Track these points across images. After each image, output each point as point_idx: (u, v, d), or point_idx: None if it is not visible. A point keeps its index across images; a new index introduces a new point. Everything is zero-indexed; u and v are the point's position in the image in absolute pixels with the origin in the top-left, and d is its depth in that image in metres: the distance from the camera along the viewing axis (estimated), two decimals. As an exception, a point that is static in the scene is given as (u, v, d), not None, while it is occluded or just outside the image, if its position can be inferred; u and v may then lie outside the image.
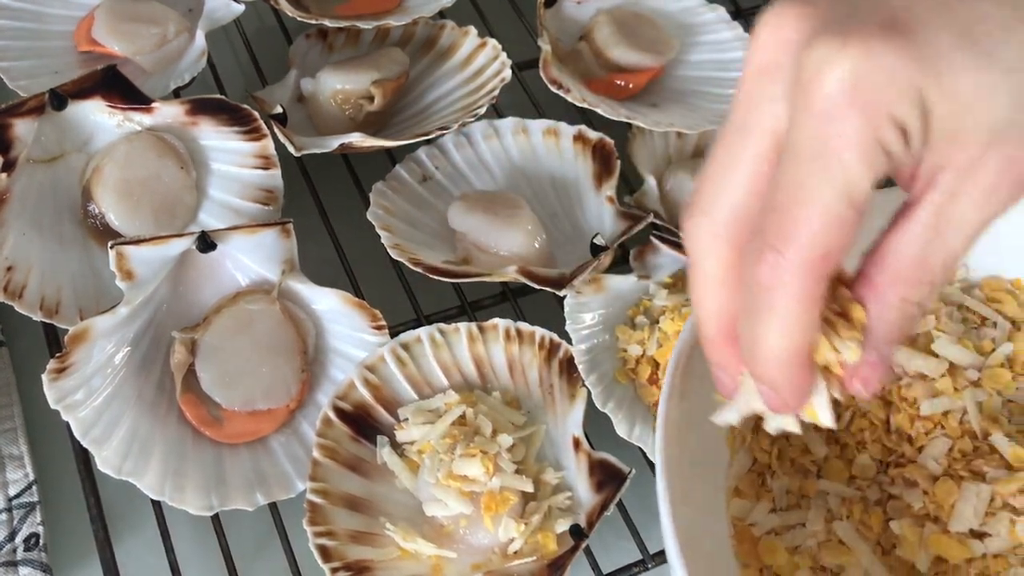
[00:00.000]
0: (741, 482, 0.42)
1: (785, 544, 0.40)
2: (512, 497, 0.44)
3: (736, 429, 0.42)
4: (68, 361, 0.44)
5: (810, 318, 0.28)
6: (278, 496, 0.46)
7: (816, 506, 0.41)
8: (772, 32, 0.29)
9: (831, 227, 0.27)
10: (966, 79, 0.26)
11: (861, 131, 0.26)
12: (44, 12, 0.60)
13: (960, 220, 0.28)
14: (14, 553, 0.46)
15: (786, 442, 0.43)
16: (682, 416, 0.39)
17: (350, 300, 0.49)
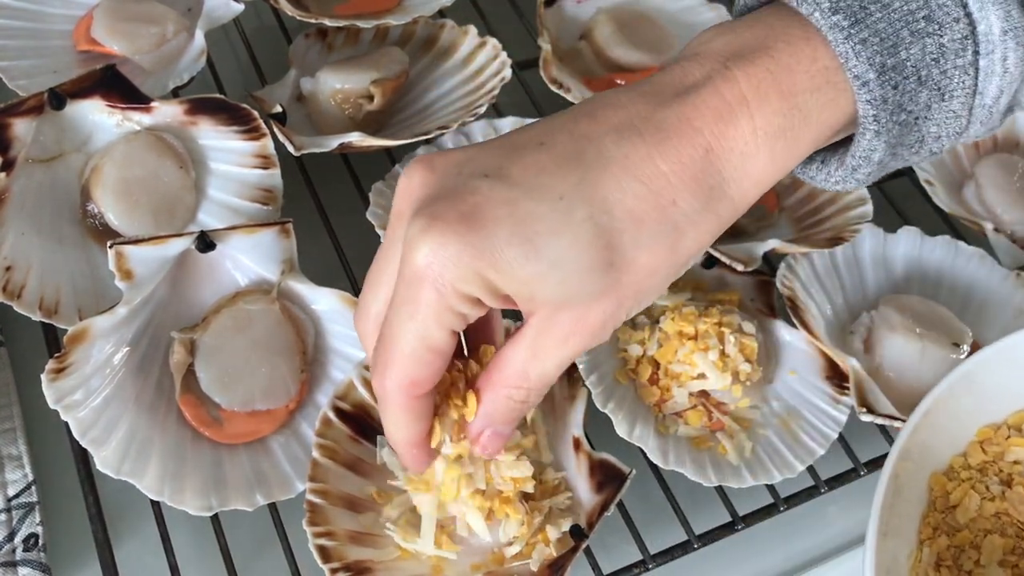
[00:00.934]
0: None
1: None
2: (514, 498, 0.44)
3: (919, 567, 0.43)
4: (67, 361, 0.44)
5: (411, 420, 0.38)
6: (277, 497, 0.46)
7: None
8: (405, 183, 0.36)
9: (414, 363, 0.35)
10: (519, 268, 0.33)
11: (433, 299, 0.34)
12: (43, 11, 0.59)
13: (547, 353, 0.36)
14: (13, 553, 0.46)
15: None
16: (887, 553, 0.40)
17: (349, 300, 0.49)
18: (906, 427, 0.42)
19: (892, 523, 0.41)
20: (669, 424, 0.50)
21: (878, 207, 0.59)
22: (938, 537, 0.44)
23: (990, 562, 0.42)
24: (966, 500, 0.44)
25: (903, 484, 0.43)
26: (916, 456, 0.44)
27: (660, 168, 0.34)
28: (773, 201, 0.60)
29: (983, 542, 0.43)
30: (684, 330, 0.50)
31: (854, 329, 0.56)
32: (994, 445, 0.46)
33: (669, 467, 0.48)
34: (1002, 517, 0.44)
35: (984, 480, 0.45)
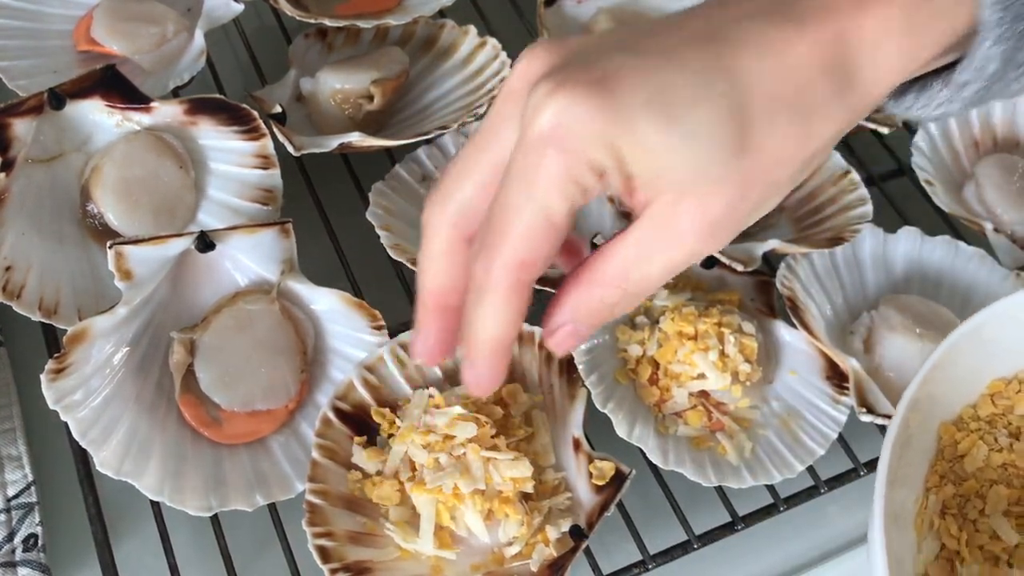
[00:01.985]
0: (931, 568, 0.42)
1: None
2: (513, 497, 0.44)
3: (924, 514, 0.43)
4: (67, 361, 0.44)
5: (511, 313, 0.34)
6: (277, 497, 0.46)
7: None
8: (524, 64, 0.34)
9: (530, 240, 0.32)
10: (653, 136, 0.31)
11: (558, 168, 0.31)
12: (43, 11, 0.59)
13: (657, 254, 0.33)
14: (13, 554, 0.46)
15: (974, 528, 0.43)
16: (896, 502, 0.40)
17: (349, 300, 0.49)
18: (916, 377, 0.42)
19: (900, 472, 0.41)
20: (669, 424, 0.50)
21: (878, 207, 0.59)
22: (944, 485, 0.44)
23: (995, 511, 0.43)
24: (974, 450, 0.44)
25: (912, 433, 0.43)
26: (926, 406, 0.44)
27: (798, 50, 0.33)
28: (773, 201, 0.60)
29: (989, 492, 0.43)
30: (684, 330, 0.50)
31: (854, 329, 0.56)
32: (1004, 398, 0.46)
33: (669, 467, 0.48)
34: (1008, 468, 0.44)
35: (993, 432, 0.45)
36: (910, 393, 0.41)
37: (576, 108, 0.31)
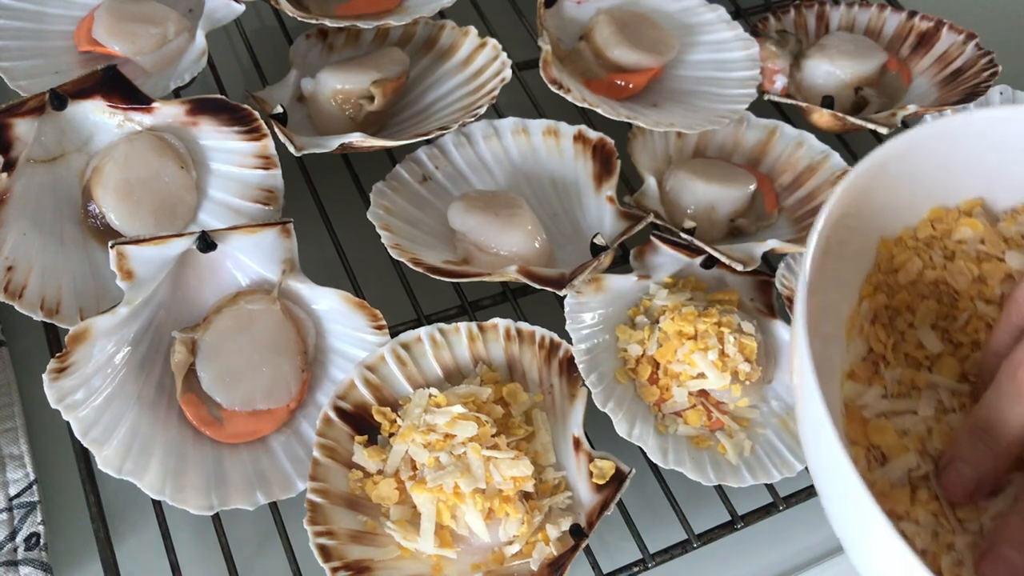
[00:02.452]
0: (856, 367, 0.44)
1: (895, 427, 0.42)
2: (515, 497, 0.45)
3: (856, 319, 0.45)
4: (68, 361, 0.44)
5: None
6: (278, 496, 0.46)
7: (927, 397, 0.43)
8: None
9: None
10: None
11: None
12: (44, 12, 0.60)
13: None
14: (15, 552, 0.46)
15: (901, 337, 0.45)
16: (816, 307, 0.41)
17: (350, 300, 0.49)
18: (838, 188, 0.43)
19: (829, 279, 0.42)
20: (668, 423, 0.50)
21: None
22: (877, 295, 0.46)
23: (922, 324, 0.45)
24: (908, 264, 0.46)
25: (849, 246, 0.45)
26: (868, 219, 0.46)
27: None
28: (772, 201, 0.61)
29: (919, 305, 0.45)
30: (684, 330, 0.50)
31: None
32: (943, 224, 0.48)
33: (668, 466, 0.48)
34: (940, 286, 0.46)
35: (929, 251, 0.47)
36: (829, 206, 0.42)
37: None
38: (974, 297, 0.46)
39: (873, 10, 0.72)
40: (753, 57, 0.65)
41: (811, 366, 0.37)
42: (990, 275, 0.46)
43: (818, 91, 0.66)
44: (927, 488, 0.40)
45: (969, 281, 0.46)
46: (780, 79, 0.65)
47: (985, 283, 0.46)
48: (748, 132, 0.63)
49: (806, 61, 0.67)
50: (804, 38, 0.70)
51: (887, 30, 0.71)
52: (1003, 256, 0.46)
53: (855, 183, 0.43)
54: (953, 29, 0.69)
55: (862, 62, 0.66)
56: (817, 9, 0.72)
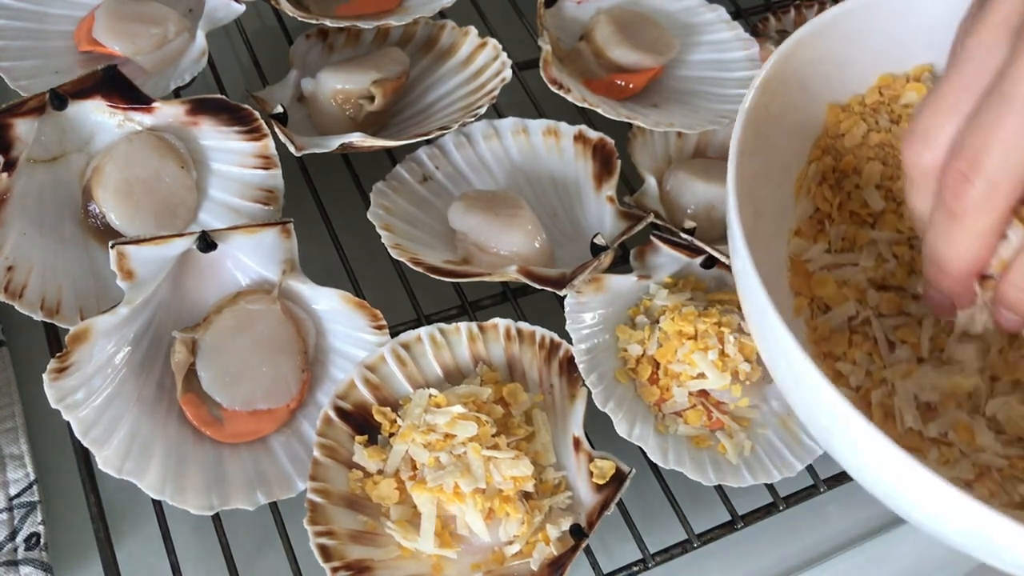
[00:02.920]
0: (803, 225, 0.46)
1: (835, 278, 0.43)
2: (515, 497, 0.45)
3: (803, 180, 0.47)
4: (68, 361, 0.44)
5: (991, 236, 0.35)
6: (279, 496, 0.46)
7: (868, 250, 0.45)
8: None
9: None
10: None
11: None
12: (45, 12, 0.60)
13: None
14: (15, 552, 0.46)
15: (847, 196, 0.47)
16: (751, 170, 0.43)
17: (350, 300, 0.49)
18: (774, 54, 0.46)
19: (758, 142, 0.44)
20: (669, 423, 0.50)
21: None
22: (825, 157, 0.48)
23: (867, 184, 0.47)
24: (855, 128, 0.48)
25: (792, 109, 0.47)
26: (814, 86, 0.48)
27: None
28: (773, 201, 0.61)
29: (865, 167, 0.47)
30: (684, 330, 0.50)
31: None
32: (891, 90, 0.50)
33: (669, 466, 0.48)
34: (885, 148, 0.48)
35: (876, 116, 0.49)
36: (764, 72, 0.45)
37: None
38: None
39: (873, 10, 0.71)
40: (753, 57, 0.65)
41: (739, 224, 0.38)
42: None
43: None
44: (865, 333, 0.42)
45: None
46: (780, 79, 0.65)
47: None
48: (748, 132, 0.63)
49: (806, 61, 0.67)
50: (804, 38, 0.70)
51: (887, 30, 0.71)
52: None
53: (792, 50, 0.46)
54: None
55: (862, 62, 0.66)
56: (817, 9, 0.72)
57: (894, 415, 0.40)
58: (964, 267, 0.37)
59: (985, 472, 0.38)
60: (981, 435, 0.39)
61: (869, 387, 0.41)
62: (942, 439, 0.39)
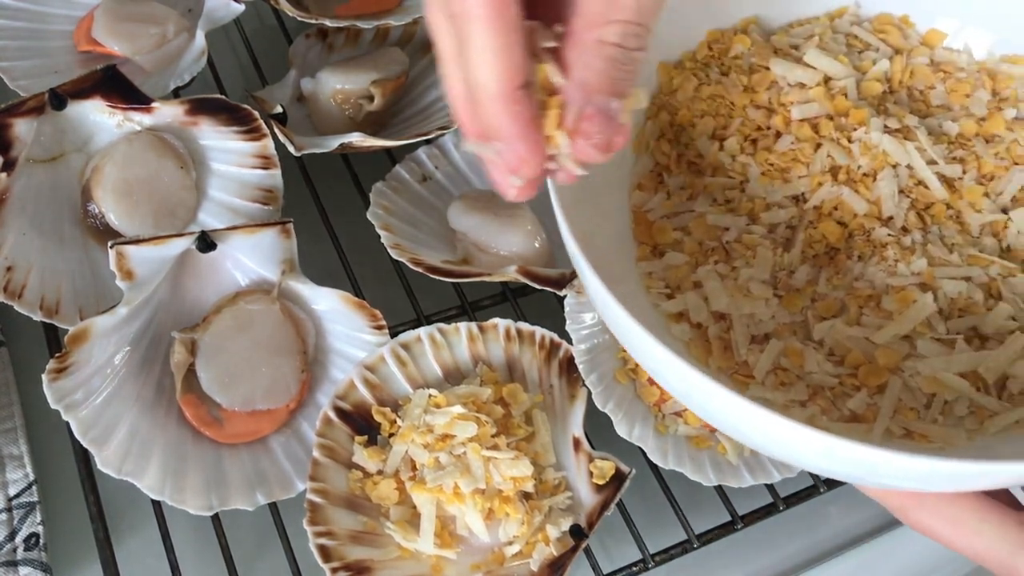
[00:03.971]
0: (643, 179, 0.48)
1: (674, 225, 0.46)
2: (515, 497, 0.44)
3: (642, 138, 0.49)
4: (68, 361, 0.44)
5: (505, 41, 0.28)
6: (278, 496, 0.46)
7: (703, 196, 0.47)
8: None
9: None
10: None
11: None
12: (44, 12, 0.60)
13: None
14: (14, 553, 0.46)
15: (684, 148, 0.49)
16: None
17: (350, 300, 0.49)
18: None
19: None
20: (668, 424, 0.50)
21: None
22: (660, 114, 0.49)
23: (700, 136, 0.48)
24: (686, 84, 0.49)
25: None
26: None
27: None
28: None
29: (698, 122, 0.48)
30: (684, 330, 0.50)
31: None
32: (720, 44, 0.51)
33: (669, 467, 0.48)
34: (716, 100, 0.49)
35: (706, 70, 0.50)
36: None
37: None
38: (746, 106, 0.49)
39: None
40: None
41: (555, 192, 0.39)
42: (758, 83, 0.49)
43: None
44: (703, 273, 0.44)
45: (740, 91, 0.49)
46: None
47: (755, 91, 0.49)
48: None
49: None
50: (804, 38, 0.70)
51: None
52: (768, 65, 0.49)
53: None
54: (953, 29, 0.69)
55: (862, 62, 0.66)
56: (817, 9, 0.72)
57: (732, 347, 0.42)
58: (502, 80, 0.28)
59: (818, 391, 0.40)
60: (809, 358, 0.41)
61: (707, 324, 0.43)
62: (777, 366, 0.41)
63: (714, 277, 0.43)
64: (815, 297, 0.43)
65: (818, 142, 0.47)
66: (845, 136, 0.46)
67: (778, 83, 0.49)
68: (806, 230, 0.45)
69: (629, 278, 0.45)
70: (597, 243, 0.42)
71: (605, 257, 0.41)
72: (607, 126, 0.29)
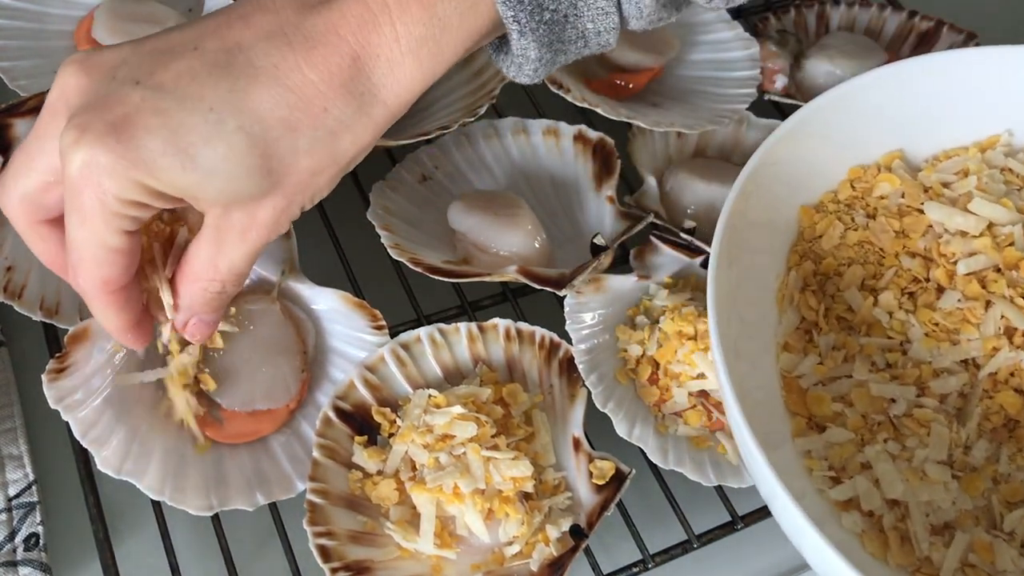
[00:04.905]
0: (790, 338, 0.45)
1: (831, 394, 0.42)
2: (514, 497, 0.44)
3: (785, 290, 0.46)
4: (68, 361, 0.44)
5: (115, 312, 0.38)
6: (278, 496, 0.46)
7: (860, 359, 0.43)
8: (60, 83, 0.36)
9: (99, 265, 0.36)
10: (177, 178, 0.34)
11: (98, 206, 0.34)
12: (44, 12, 0.60)
13: (231, 247, 0.37)
14: (14, 553, 0.46)
15: (832, 300, 0.45)
16: (730, 282, 0.42)
17: (350, 300, 0.49)
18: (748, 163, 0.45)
19: (736, 252, 0.44)
20: (669, 424, 0.50)
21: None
22: (804, 263, 0.47)
23: (849, 287, 0.45)
24: (831, 230, 0.47)
25: (765, 216, 0.46)
26: (785, 189, 0.47)
27: (309, 77, 0.35)
28: (773, 201, 0.61)
29: (846, 271, 0.46)
30: (684, 330, 0.50)
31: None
32: (863, 183, 0.49)
33: (669, 467, 0.48)
34: (864, 246, 0.47)
35: (851, 213, 0.48)
36: (742, 177, 0.44)
37: (99, 158, 0.33)
38: (899, 253, 0.46)
39: (873, 10, 0.71)
40: (753, 57, 0.64)
41: (719, 342, 0.38)
42: (912, 228, 0.46)
43: (818, 91, 0.65)
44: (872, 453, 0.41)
45: (892, 237, 0.46)
46: (780, 79, 0.65)
47: (908, 236, 0.46)
48: (748, 132, 0.63)
49: (806, 61, 0.67)
50: (804, 38, 0.70)
51: (887, 30, 0.71)
52: (923, 208, 0.46)
53: (764, 159, 0.45)
54: (953, 29, 0.69)
55: (862, 62, 0.66)
56: (817, 9, 0.72)
57: (911, 539, 0.38)
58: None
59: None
60: (1002, 554, 0.37)
61: (881, 512, 0.39)
62: (964, 563, 0.38)
63: (885, 458, 0.40)
64: (997, 478, 0.40)
65: (988, 300, 0.43)
66: (1019, 293, 0.43)
67: (934, 228, 0.46)
68: (981, 400, 0.41)
69: (782, 448, 0.41)
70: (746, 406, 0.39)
71: (758, 425, 0.38)
72: (208, 330, 0.41)
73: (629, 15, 0.39)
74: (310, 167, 0.36)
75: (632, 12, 0.39)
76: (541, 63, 0.39)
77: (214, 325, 0.41)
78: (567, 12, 0.38)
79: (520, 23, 0.37)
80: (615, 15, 0.39)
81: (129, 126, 0.34)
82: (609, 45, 0.41)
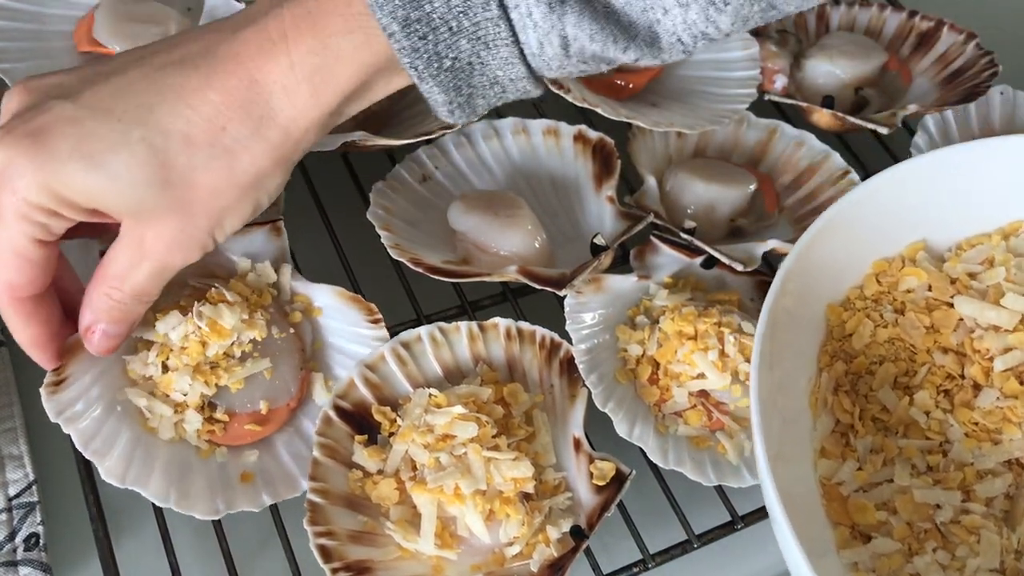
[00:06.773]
0: (827, 443, 0.44)
1: (873, 501, 0.42)
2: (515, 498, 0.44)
3: (818, 393, 0.45)
4: (65, 373, 0.44)
5: (21, 322, 0.41)
6: (283, 495, 0.46)
7: (900, 462, 0.42)
8: (5, 104, 0.39)
9: (9, 269, 0.39)
10: (81, 181, 0.37)
11: (10, 209, 0.37)
12: (44, 12, 0.59)
13: (136, 264, 0.39)
14: (14, 553, 0.46)
15: (866, 401, 0.45)
16: (773, 383, 0.41)
17: (344, 295, 0.49)
18: (784, 263, 0.44)
19: (777, 354, 0.43)
20: (669, 424, 0.50)
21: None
22: (835, 363, 0.46)
23: (882, 386, 0.45)
24: (860, 328, 0.46)
25: (797, 316, 0.46)
26: (813, 287, 0.47)
27: (210, 97, 0.38)
28: (773, 201, 0.61)
29: (878, 369, 0.45)
30: (684, 330, 0.50)
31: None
32: (888, 276, 0.48)
33: (669, 467, 0.48)
34: (895, 343, 0.46)
35: (879, 309, 0.47)
36: (780, 278, 0.43)
37: (15, 160, 0.36)
38: (931, 349, 0.45)
39: (873, 10, 0.71)
40: (753, 57, 0.64)
41: (763, 449, 0.38)
42: (942, 323, 0.45)
43: (818, 91, 0.66)
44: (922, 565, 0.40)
45: (923, 333, 0.45)
46: (780, 79, 0.65)
47: (939, 332, 0.45)
48: (748, 132, 0.63)
49: (806, 61, 0.67)
50: (804, 38, 0.70)
51: (887, 30, 0.71)
52: (951, 301, 0.46)
53: (798, 259, 0.44)
54: (953, 29, 0.69)
55: (862, 62, 0.66)
56: (817, 9, 0.72)
57: None
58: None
59: None
60: None
61: None
62: None
63: (936, 570, 0.39)
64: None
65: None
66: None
67: (965, 322, 0.45)
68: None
69: (826, 558, 0.40)
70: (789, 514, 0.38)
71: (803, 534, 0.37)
72: (109, 343, 0.42)
73: (539, 67, 0.40)
74: (208, 184, 0.38)
75: (540, 65, 0.40)
76: (454, 105, 0.40)
77: (117, 340, 0.42)
78: (471, 60, 0.39)
79: (417, 70, 0.39)
80: (520, 66, 0.39)
81: (44, 133, 0.36)
82: (529, 92, 0.41)
